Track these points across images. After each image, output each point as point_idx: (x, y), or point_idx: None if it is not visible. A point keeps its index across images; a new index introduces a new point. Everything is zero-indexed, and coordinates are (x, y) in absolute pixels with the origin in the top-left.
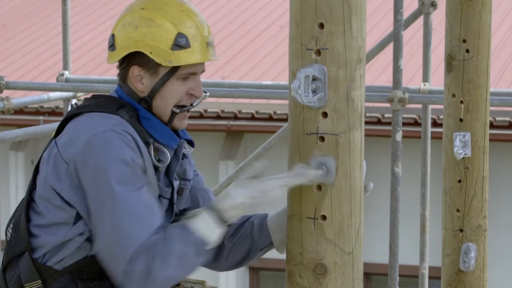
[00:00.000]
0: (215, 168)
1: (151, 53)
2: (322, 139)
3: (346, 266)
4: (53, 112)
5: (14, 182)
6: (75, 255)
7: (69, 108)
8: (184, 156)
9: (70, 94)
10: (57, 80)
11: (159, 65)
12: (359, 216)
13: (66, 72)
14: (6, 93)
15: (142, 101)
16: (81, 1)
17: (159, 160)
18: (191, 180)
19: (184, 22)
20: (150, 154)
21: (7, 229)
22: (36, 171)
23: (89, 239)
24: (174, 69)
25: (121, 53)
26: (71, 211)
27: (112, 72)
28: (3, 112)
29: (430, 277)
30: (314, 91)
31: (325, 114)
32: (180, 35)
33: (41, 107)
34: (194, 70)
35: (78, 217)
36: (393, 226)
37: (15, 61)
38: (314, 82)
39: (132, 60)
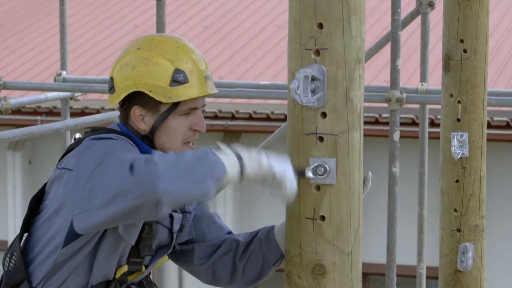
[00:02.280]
0: None
1: (150, 91)
2: (321, 139)
3: (345, 267)
4: (50, 112)
5: (11, 182)
6: (72, 282)
7: (72, 141)
8: None
9: (67, 94)
10: (55, 80)
11: (159, 102)
12: (358, 216)
13: (64, 72)
14: (3, 93)
15: (144, 138)
16: (79, 1)
17: None
18: (191, 212)
19: (180, 58)
20: None
21: (4, 259)
22: (38, 201)
23: (83, 264)
24: (175, 105)
25: (121, 94)
26: (66, 215)
27: (109, 72)
28: (0, 112)
29: (427, 277)
30: (313, 91)
31: (324, 114)
32: (177, 71)
33: (39, 107)
34: (195, 105)
35: (69, 237)
36: (390, 226)
37: (12, 61)
38: (313, 82)
39: (133, 100)
